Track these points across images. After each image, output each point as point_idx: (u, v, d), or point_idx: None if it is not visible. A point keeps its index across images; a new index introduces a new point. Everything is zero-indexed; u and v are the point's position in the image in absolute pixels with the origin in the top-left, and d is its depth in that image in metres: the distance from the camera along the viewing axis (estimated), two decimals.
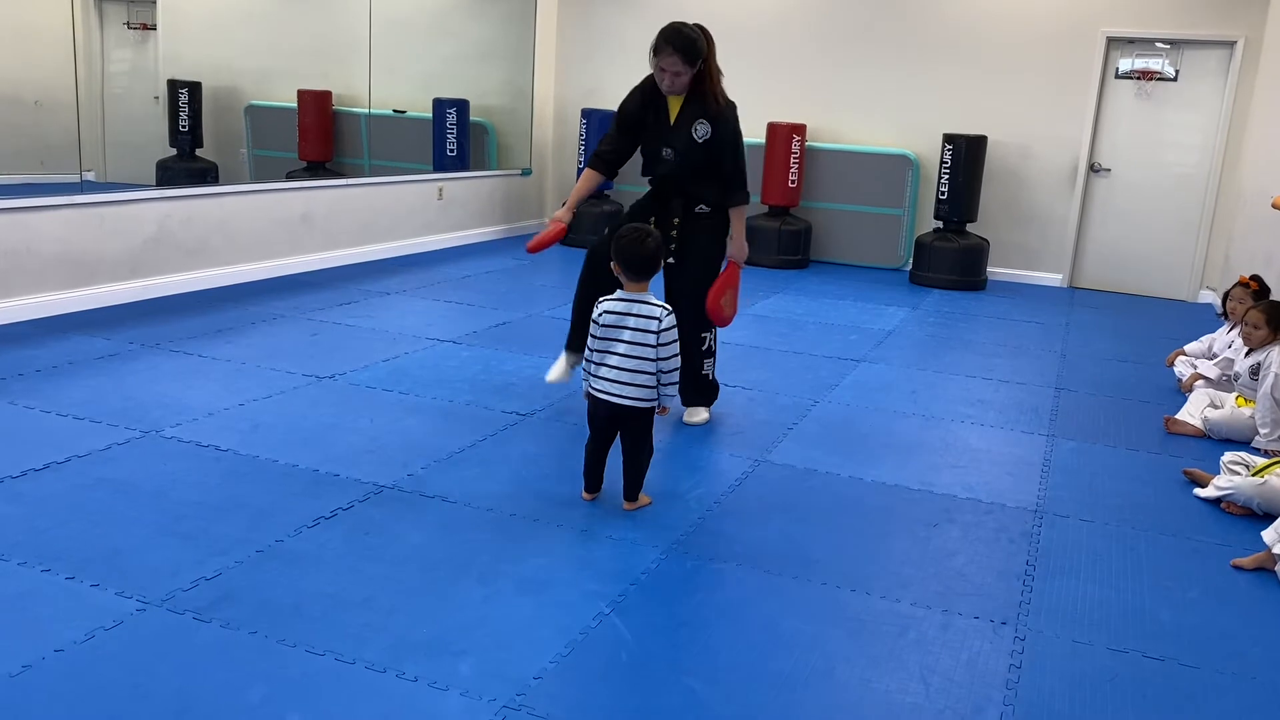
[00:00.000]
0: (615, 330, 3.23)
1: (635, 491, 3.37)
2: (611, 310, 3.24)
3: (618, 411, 3.26)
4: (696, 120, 3.96)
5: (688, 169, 4.03)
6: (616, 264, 3.28)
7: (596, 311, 3.27)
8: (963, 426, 4.54)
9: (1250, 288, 5.22)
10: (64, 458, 3.48)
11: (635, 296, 3.25)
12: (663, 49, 3.83)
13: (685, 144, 3.99)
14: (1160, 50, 8.20)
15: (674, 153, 4.01)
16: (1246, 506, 3.61)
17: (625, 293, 3.27)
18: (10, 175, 5.95)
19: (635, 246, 3.24)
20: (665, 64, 3.85)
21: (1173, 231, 8.40)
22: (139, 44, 7.30)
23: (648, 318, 3.20)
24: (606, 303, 3.27)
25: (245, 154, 7.86)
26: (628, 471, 3.35)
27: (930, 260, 8.31)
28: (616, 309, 3.24)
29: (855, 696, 2.38)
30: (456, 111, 8.83)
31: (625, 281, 3.28)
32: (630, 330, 3.20)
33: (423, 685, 2.30)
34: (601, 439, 3.37)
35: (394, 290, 6.70)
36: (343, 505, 3.24)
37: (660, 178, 4.11)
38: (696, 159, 4.00)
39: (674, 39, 3.82)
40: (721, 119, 3.99)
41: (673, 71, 3.86)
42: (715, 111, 3.98)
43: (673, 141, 4.01)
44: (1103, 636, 2.73)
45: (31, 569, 2.71)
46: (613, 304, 3.25)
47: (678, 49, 3.81)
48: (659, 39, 3.84)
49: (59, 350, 4.76)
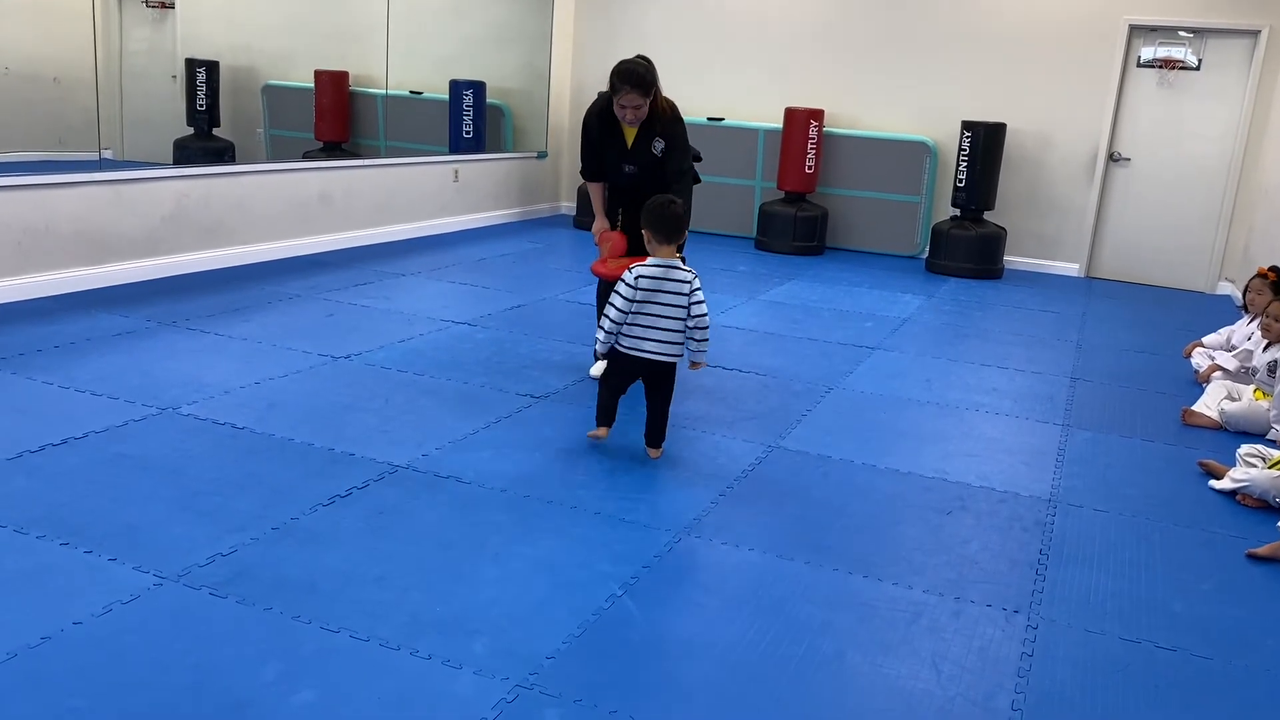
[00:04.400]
0: (652, 294, 3.50)
1: (662, 439, 3.69)
2: (647, 275, 3.49)
3: (654, 368, 3.58)
4: (653, 138, 4.34)
5: (648, 177, 4.40)
6: (648, 231, 3.56)
7: (631, 277, 3.50)
8: (977, 415, 4.53)
9: (1270, 279, 5.18)
10: (82, 433, 3.50)
11: (667, 262, 3.52)
12: (621, 89, 4.16)
13: (645, 159, 4.38)
14: (1183, 39, 8.12)
15: (635, 168, 4.41)
16: (1262, 499, 3.60)
17: (659, 259, 3.52)
18: (30, 153, 5.97)
19: (663, 210, 3.56)
20: (625, 101, 4.18)
21: (1192, 222, 8.34)
22: (157, 22, 7.31)
23: (680, 281, 3.51)
24: (641, 268, 3.51)
25: (261, 134, 7.86)
26: (657, 421, 3.67)
27: (947, 248, 8.27)
28: (653, 274, 3.50)
29: (866, 682, 2.39)
30: (473, 93, 8.82)
31: (656, 246, 3.55)
32: (667, 294, 3.50)
33: (436, 663, 2.31)
34: (623, 386, 3.70)
35: (409, 272, 6.71)
36: (358, 484, 3.26)
37: (625, 185, 4.49)
38: (656, 169, 4.39)
39: (630, 78, 4.14)
40: (672, 128, 4.36)
41: (633, 106, 4.19)
42: (666, 124, 4.35)
43: (633, 160, 4.40)
44: (1115, 626, 2.73)
45: (50, 543, 2.74)
46: (648, 269, 3.50)
47: (635, 86, 4.15)
48: (616, 80, 4.17)
49: (77, 327, 4.79)
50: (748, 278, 7.45)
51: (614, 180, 4.51)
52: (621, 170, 4.44)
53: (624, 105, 4.19)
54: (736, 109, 9.30)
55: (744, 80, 9.28)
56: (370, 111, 8.36)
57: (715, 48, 9.33)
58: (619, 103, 4.19)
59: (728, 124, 9.20)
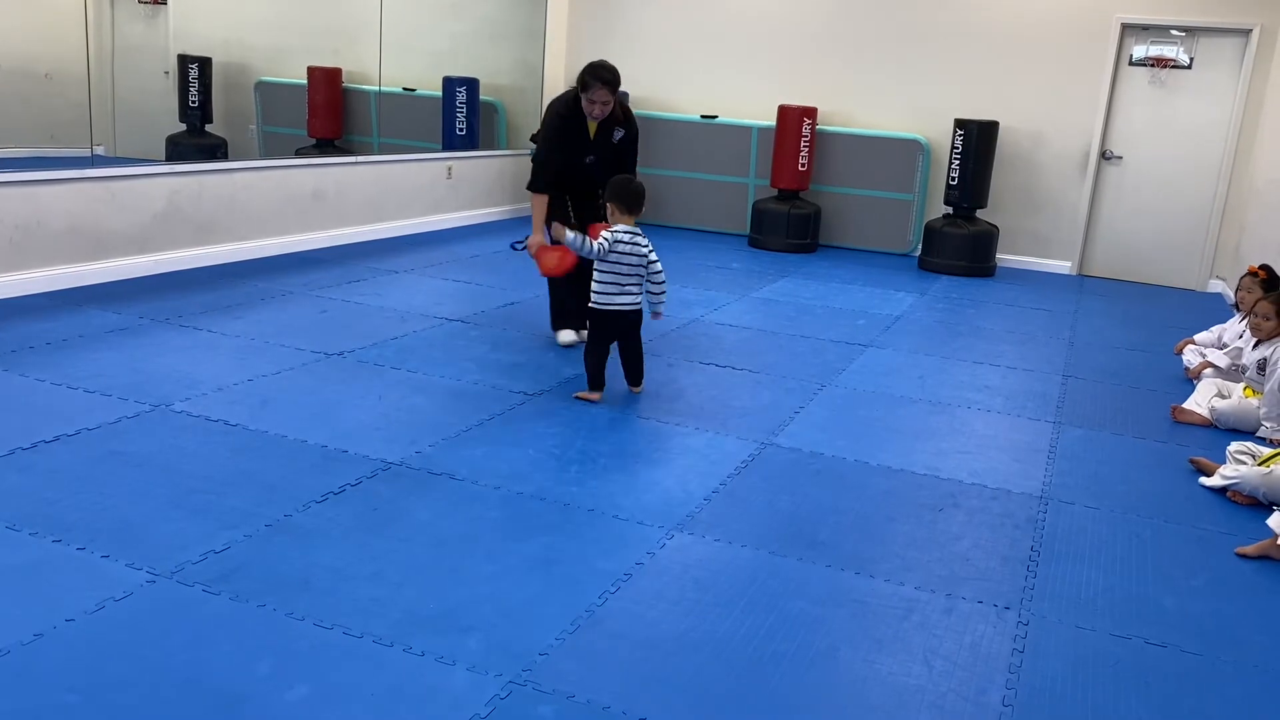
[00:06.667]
0: (626, 256, 4.13)
1: (642, 377, 4.37)
2: (621, 240, 4.12)
3: (628, 318, 4.22)
4: (614, 129, 4.82)
5: (605, 165, 4.84)
6: (614, 204, 4.17)
7: (610, 238, 4.10)
8: (969, 412, 4.54)
9: (1260, 277, 5.19)
10: (74, 430, 3.50)
11: (633, 230, 4.16)
12: (593, 86, 4.59)
13: (605, 149, 4.84)
14: (1175, 37, 8.14)
15: (595, 158, 4.84)
16: (1252, 496, 3.62)
17: (625, 227, 4.15)
18: (21, 148, 5.95)
19: (628, 186, 4.21)
20: (596, 97, 4.62)
21: (1184, 220, 8.37)
22: (150, 18, 7.29)
23: (642, 245, 4.18)
24: (617, 233, 4.12)
25: (254, 130, 7.84)
26: (636, 364, 4.35)
27: (939, 246, 8.29)
28: (624, 239, 4.13)
29: (859, 677, 2.40)
30: (467, 90, 8.81)
31: (621, 217, 4.17)
32: (634, 256, 4.15)
33: (430, 659, 2.32)
34: (606, 349, 4.26)
35: (403, 268, 6.71)
36: (351, 481, 3.26)
37: (581, 178, 4.90)
38: (612, 158, 4.86)
39: (602, 75, 4.60)
40: (629, 121, 4.89)
41: (602, 102, 4.64)
42: (622, 117, 4.84)
43: (595, 150, 4.83)
44: (1106, 622, 2.74)
45: (43, 539, 2.74)
46: (621, 234, 4.13)
47: (606, 83, 4.60)
48: (588, 77, 4.60)
49: (70, 323, 4.78)
50: (741, 275, 7.46)
51: (569, 176, 4.87)
52: (582, 161, 4.83)
53: (594, 101, 4.62)
54: (730, 106, 9.31)
55: (737, 77, 9.28)
56: (363, 108, 8.34)
57: (708, 45, 9.34)
58: (590, 99, 4.62)
59: (721, 121, 9.21)
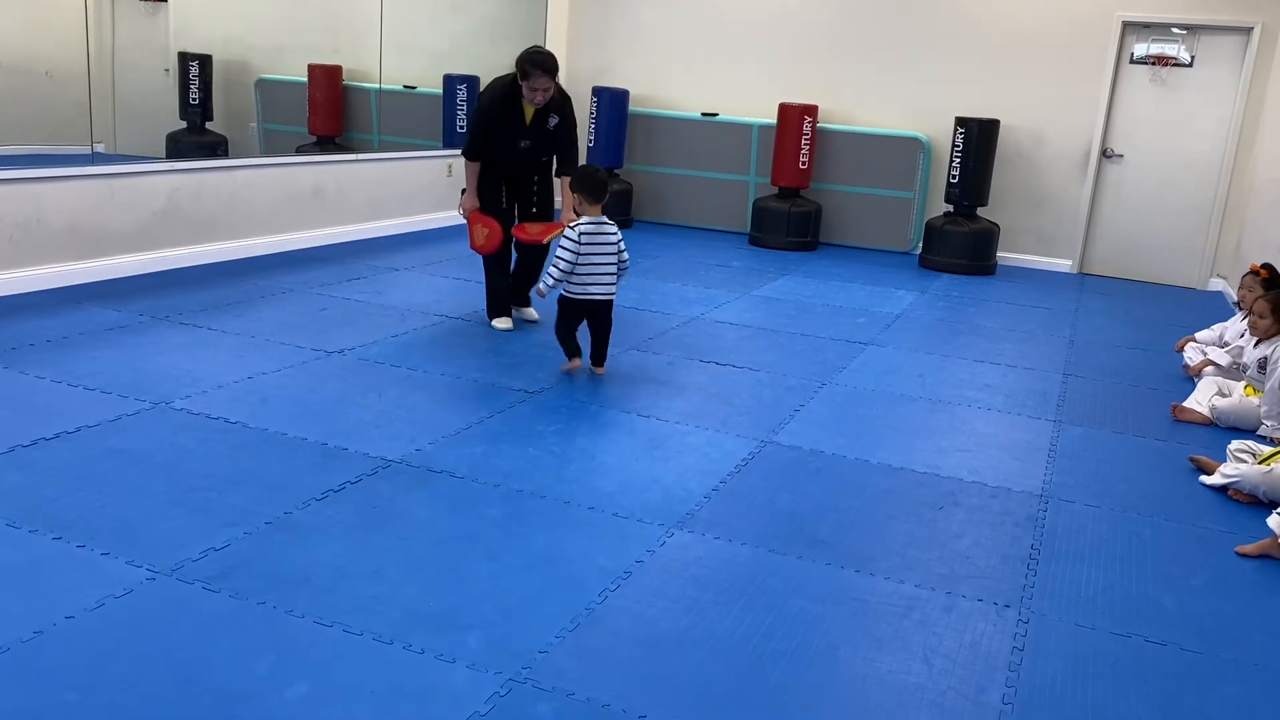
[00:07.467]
0: (594, 245, 4.24)
1: (605, 358, 4.53)
2: (587, 231, 4.22)
3: (600, 306, 4.35)
4: (549, 115, 4.96)
5: (540, 150, 5.05)
6: (580, 195, 4.28)
7: (575, 232, 4.20)
8: (970, 410, 4.54)
9: (1261, 276, 5.19)
10: (74, 427, 3.50)
11: (599, 220, 4.27)
12: (533, 73, 4.72)
13: (540, 134, 4.99)
14: (1176, 36, 8.13)
15: (530, 143, 4.99)
16: (1253, 494, 3.61)
17: (592, 218, 4.25)
18: (21, 146, 5.94)
19: (593, 177, 4.31)
20: (537, 84, 4.75)
21: (1184, 218, 8.36)
22: (150, 16, 7.28)
23: (610, 233, 4.30)
24: (581, 225, 4.21)
25: (255, 128, 7.84)
26: (602, 347, 4.49)
27: (940, 244, 8.29)
28: (591, 230, 4.23)
29: (858, 676, 2.40)
30: (467, 88, 8.79)
31: (588, 207, 4.27)
32: (604, 245, 4.26)
33: (430, 657, 2.32)
34: (575, 325, 4.44)
35: (403, 266, 6.71)
36: (351, 479, 3.26)
37: (516, 161, 5.06)
38: (546, 144, 5.04)
39: (543, 62, 4.72)
40: (565, 108, 5.01)
41: (543, 89, 4.77)
42: (559, 104, 4.97)
43: (530, 135, 4.98)
44: (1106, 621, 2.74)
45: (42, 537, 2.74)
46: (587, 226, 4.22)
47: (546, 70, 4.73)
48: (527, 65, 4.71)
49: (70, 321, 4.78)
50: (741, 273, 7.45)
51: (504, 158, 5.01)
52: (517, 146, 4.97)
53: (535, 88, 4.75)
54: (730, 104, 9.30)
55: (738, 75, 9.27)
56: (364, 106, 8.33)
57: (709, 42, 9.33)
58: (531, 85, 4.75)
59: (721, 119, 9.20)
